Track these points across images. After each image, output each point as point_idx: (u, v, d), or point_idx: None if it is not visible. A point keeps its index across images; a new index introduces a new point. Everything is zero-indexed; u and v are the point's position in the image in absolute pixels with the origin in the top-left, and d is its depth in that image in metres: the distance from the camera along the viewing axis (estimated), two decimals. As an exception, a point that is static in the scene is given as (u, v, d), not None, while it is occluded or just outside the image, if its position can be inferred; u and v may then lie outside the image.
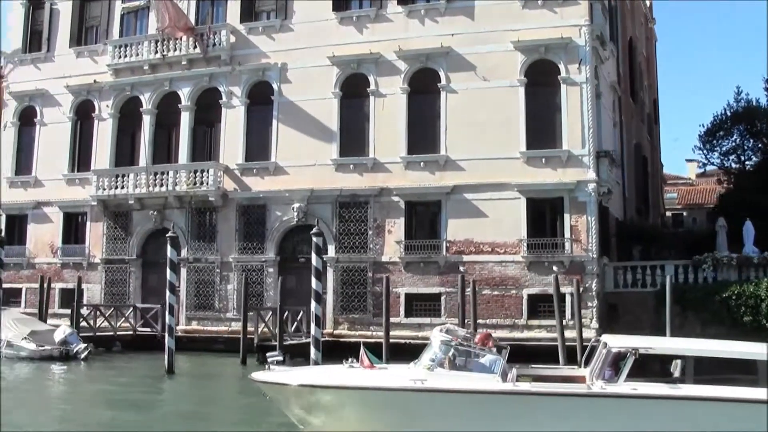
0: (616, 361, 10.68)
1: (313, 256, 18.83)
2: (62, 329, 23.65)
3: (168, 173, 28.05)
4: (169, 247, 20.44)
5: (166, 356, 20.46)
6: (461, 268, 24.17)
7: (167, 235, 20.80)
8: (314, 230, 19.00)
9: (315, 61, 27.20)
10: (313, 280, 18.74)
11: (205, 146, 28.83)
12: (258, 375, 12.15)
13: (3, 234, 24.15)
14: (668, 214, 47.73)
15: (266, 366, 12.31)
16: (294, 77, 27.58)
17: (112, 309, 27.52)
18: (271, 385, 11.87)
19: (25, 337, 23.02)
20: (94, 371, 21.89)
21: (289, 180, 27.04)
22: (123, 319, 27.59)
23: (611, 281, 25.18)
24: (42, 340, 23.14)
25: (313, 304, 18.70)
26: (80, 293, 26.28)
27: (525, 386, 10.66)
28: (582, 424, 10.31)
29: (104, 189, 28.87)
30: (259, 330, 24.17)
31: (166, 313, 20.59)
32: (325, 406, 11.42)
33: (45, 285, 27.38)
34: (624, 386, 10.34)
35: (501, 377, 10.79)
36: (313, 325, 18.74)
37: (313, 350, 18.69)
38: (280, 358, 12.45)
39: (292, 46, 27.67)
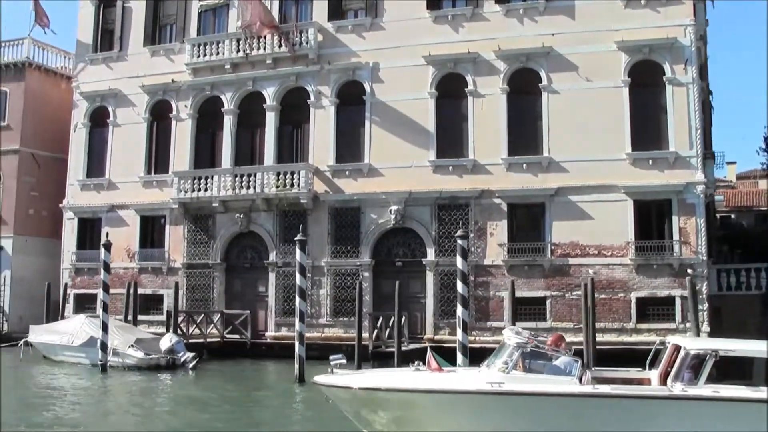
0: (695, 364, 10.58)
1: (458, 259, 18.44)
2: (168, 337, 23.08)
3: (255, 175, 27.49)
4: (298, 251, 19.98)
5: (296, 364, 20.04)
6: (590, 272, 23.84)
7: (296, 238, 20.23)
8: (459, 233, 18.62)
9: (409, 60, 26.89)
10: (459, 284, 18.36)
11: (291, 147, 28.36)
12: (320, 378, 12.04)
13: (108, 237, 23.38)
14: (716, 216, 47.77)
15: (329, 369, 12.15)
16: (386, 77, 27.23)
17: (203, 315, 26.85)
18: (333, 389, 11.80)
19: (132, 345, 22.37)
20: (212, 381, 21.27)
21: (383, 182, 26.65)
22: (211, 326, 26.94)
23: (714, 284, 25.05)
24: (148, 349, 22.51)
25: (459, 308, 18.31)
26: (176, 298, 25.79)
27: (605, 389, 10.58)
28: (661, 427, 10.26)
29: (186, 191, 28.28)
30: (373, 336, 23.55)
31: (296, 320, 20.08)
32: (391, 409, 11.29)
33: (131, 290, 26.77)
34: (705, 389, 10.26)
35: (578, 380, 10.73)
36: (459, 330, 18.32)
37: (459, 356, 18.30)
38: (343, 361, 12.23)
39: (384, 45, 27.33)
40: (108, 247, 22.39)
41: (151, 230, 29.77)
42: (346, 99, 27.73)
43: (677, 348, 11.13)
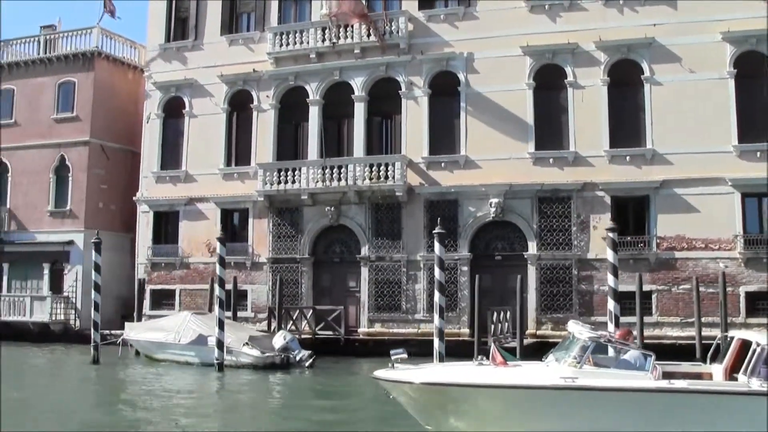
0: None
1: (609, 252, 18.16)
2: (281, 335, 22.59)
3: (347, 167, 27.02)
4: (436, 244, 19.62)
5: (434, 360, 19.51)
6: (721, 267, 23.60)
7: (435, 231, 19.80)
8: (610, 225, 18.28)
9: (505, 50, 26.59)
10: (610, 278, 18.07)
11: (381, 138, 27.95)
12: (380, 373, 11.91)
13: (221, 231, 22.81)
14: None
15: (389, 364, 12.00)
16: (481, 67, 26.91)
17: (298, 311, 26.36)
18: (394, 383, 11.67)
19: (246, 343, 21.83)
20: (337, 378, 20.81)
21: (481, 174, 26.34)
22: (305, 322, 26.47)
23: (812, 278, 24.95)
24: (261, 347, 21.99)
25: (611, 302, 18.01)
26: (280, 294, 25.34)
27: (681, 383, 10.45)
28: (737, 424, 10.11)
29: (272, 184, 27.73)
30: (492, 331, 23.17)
31: (435, 315, 19.56)
32: (455, 405, 11.13)
33: (235, 287, 26.25)
34: None
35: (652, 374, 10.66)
36: (611, 325, 17.98)
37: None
38: (405, 356, 11.96)
39: (479, 35, 27.00)
40: (223, 241, 21.87)
41: (233, 224, 29.19)
42: (438, 90, 27.37)
43: (744, 343, 11.05)
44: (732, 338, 11.57)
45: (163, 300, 29.42)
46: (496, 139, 26.39)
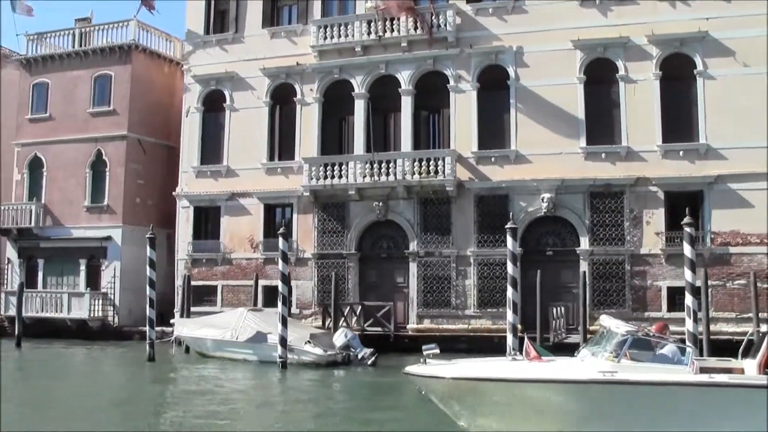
0: None
1: (686, 246, 18.09)
2: (342, 332, 22.39)
3: (395, 162, 26.83)
4: (509, 239, 19.47)
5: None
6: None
7: (507, 226, 19.63)
8: (686, 220, 18.19)
9: (555, 44, 26.45)
10: (687, 272, 18.03)
11: (428, 133, 27.77)
12: (412, 368, 11.84)
13: (283, 226, 22.50)
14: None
15: (421, 359, 11.94)
16: (531, 61, 26.77)
17: (349, 308, 26.17)
18: (425, 379, 11.59)
19: (308, 341, 21.61)
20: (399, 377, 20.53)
21: (531, 169, 26.23)
22: (354, 318, 26.29)
23: None
24: (322, 344, 21.77)
25: (688, 297, 17.94)
26: (336, 291, 25.09)
27: (722, 378, 10.32)
28: None
29: (318, 179, 27.51)
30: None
31: (508, 311, 19.35)
32: (489, 400, 10.97)
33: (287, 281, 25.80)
34: None
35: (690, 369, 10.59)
36: (689, 320, 17.94)
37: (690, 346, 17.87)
38: (437, 351, 11.95)
39: (528, 29, 26.86)
40: (285, 236, 21.67)
41: (275, 219, 28.96)
42: (486, 83, 27.21)
43: None
44: (766, 333, 11.27)
45: (204, 296, 29.16)
46: (546, 134, 26.27)
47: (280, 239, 21.40)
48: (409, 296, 27.15)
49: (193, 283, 29.26)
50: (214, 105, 30.28)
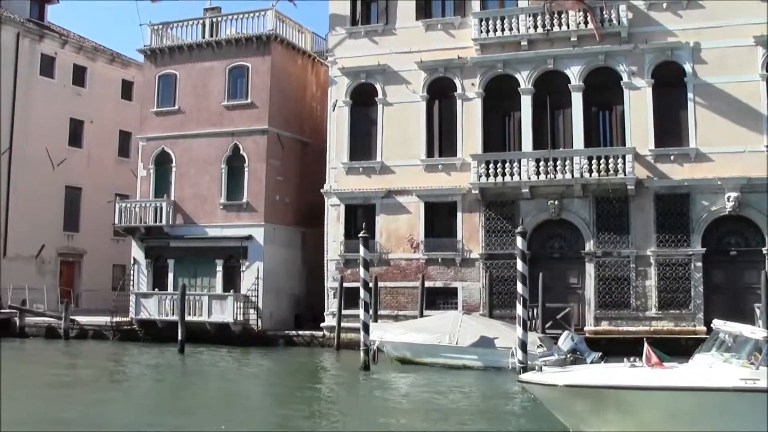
0: None
1: None
2: (568, 336, 21.80)
3: (572, 159, 26.38)
4: (694, 238, 19.07)
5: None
6: None
7: (689, 227, 19.32)
8: None
9: (734, 40, 26.37)
10: None
11: (599, 130, 27.40)
12: (526, 376, 12.00)
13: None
14: None
15: (536, 367, 12.01)
16: (709, 57, 26.59)
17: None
18: (538, 386, 11.65)
19: (540, 345, 21.11)
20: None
21: (713, 167, 26.14)
22: (533, 320, 25.77)
23: None
24: (548, 348, 21.24)
25: None
26: (543, 293, 24.48)
27: None
28: None
29: (486, 176, 26.92)
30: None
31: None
32: (609, 408, 10.97)
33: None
34: None
35: None
36: None
37: None
38: (552, 357, 11.88)
39: (705, 24, 26.60)
40: (524, 234, 21.30)
41: (435, 217, 28.26)
42: (661, 80, 26.92)
43: None
44: None
45: (357, 299, 28.24)
46: (728, 131, 26.16)
47: (518, 238, 20.91)
48: (585, 297, 26.84)
49: (346, 284, 28.44)
50: (362, 99, 29.51)
